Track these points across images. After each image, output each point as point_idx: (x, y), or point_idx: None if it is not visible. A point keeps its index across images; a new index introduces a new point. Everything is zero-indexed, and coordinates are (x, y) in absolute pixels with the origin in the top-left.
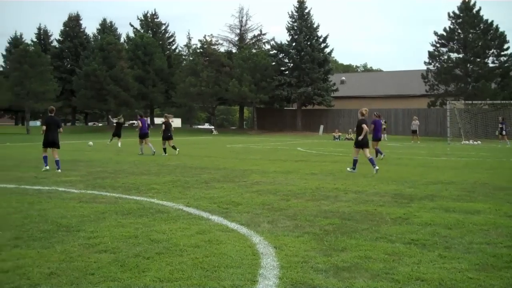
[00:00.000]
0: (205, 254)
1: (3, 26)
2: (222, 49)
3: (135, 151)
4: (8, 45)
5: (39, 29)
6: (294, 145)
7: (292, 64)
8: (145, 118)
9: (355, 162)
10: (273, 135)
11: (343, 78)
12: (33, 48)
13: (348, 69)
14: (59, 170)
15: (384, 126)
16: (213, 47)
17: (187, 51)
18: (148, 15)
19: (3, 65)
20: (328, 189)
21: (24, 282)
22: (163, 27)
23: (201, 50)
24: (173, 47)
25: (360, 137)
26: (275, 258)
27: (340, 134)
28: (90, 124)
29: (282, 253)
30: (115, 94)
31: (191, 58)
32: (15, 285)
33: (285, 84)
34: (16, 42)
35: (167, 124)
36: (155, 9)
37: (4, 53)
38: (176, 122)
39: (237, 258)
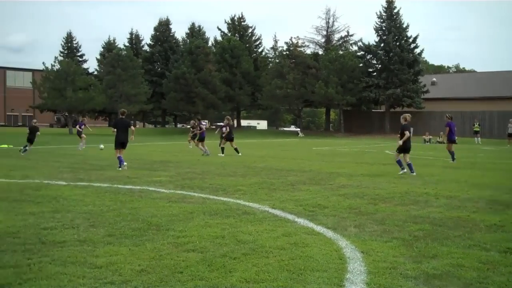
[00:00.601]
0: (291, 256)
1: (98, 32)
2: (308, 51)
3: (225, 153)
4: (102, 49)
5: (131, 34)
6: (382, 148)
7: (380, 66)
8: (204, 122)
9: (400, 163)
10: (360, 137)
11: (434, 79)
12: (125, 52)
13: (439, 70)
14: (124, 166)
15: (476, 129)
16: (299, 49)
17: (273, 54)
18: (235, 18)
19: (98, 68)
20: (418, 194)
21: (116, 278)
22: (250, 30)
23: (287, 52)
24: (260, 50)
25: (400, 142)
26: (362, 263)
27: (430, 137)
28: (179, 126)
29: (370, 258)
30: (203, 96)
31: (277, 61)
32: (108, 280)
33: (372, 86)
34: (109, 47)
35: (230, 126)
36: (242, 13)
37: (99, 57)
38: (262, 125)
39: (323, 262)
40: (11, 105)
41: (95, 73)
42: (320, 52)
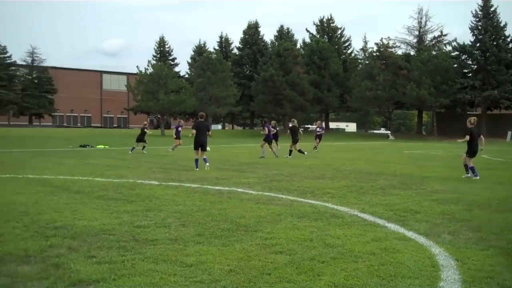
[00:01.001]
0: (381, 262)
1: (189, 36)
2: (399, 52)
3: (312, 155)
4: (193, 53)
5: (221, 37)
6: (478, 153)
7: (476, 66)
8: (270, 124)
9: (473, 169)
10: (454, 141)
11: None
12: (215, 55)
13: None
14: (207, 164)
15: None
16: (390, 50)
17: (363, 55)
18: (324, 20)
19: (188, 72)
20: None
21: (206, 277)
22: (339, 32)
23: (378, 53)
24: (349, 51)
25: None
26: (456, 271)
27: None
28: None
29: (465, 267)
30: (291, 98)
31: (367, 62)
32: (197, 279)
33: (468, 87)
34: (200, 50)
35: (296, 129)
36: (331, 14)
37: (189, 60)
38: (351, 127)
39: (415, 269)
40: (107, 108)
41: (186, 76)
42: (412, 53)
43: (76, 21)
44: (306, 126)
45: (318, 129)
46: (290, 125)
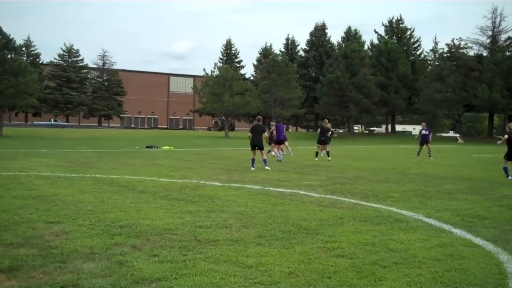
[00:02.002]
0: (446, 268)
1: (256, 38)
2: (471, 53)
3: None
4: (258, 55)
5: (287, 39)
6: None
7: None
8: (283, 125)
9: (505, 169)
10: None
11: None
12: (281, 57)
13: None
14: (267, 167)
15: None
16: (461, 51)
17: (432, 56)
18: (393, 20)
19: (254, 74)
20: None
21: (265, 279)
22: (408, 32)
23: (448, 54)
24: (418, 52)
25: (499, 142)
26: None
27: None
28: None
29: None
30: (357, 101)
31: (437, 63)
32: (257, 280)
33: None
34: (266, 53)
35: (324, 129)
36: (400, 15)
37: (255, 63)
38: (418, 130)
39: (482, 276)
40: (173, 109)
41: (251, 78)
42: (484, 54)
43: (146, 25)
44: (371, 128)
45: (423, 131)
46: (324, 125)
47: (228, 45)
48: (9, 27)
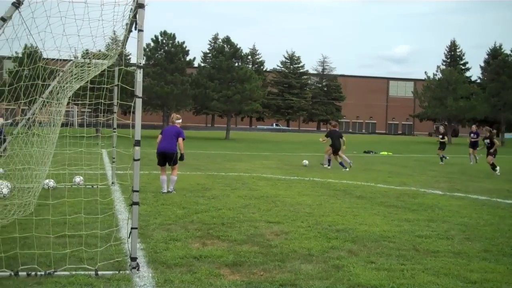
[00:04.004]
0: None
1: (482, 38)
2: None
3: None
4: (486, 56)
5: None
6: None
7: None
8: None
9: None
10: None
11: None
12: None
13: None
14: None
15: None
16: None
17: None
18: None
19: (481, 76)
20: None
21: None
22: None
23: None
24: None
25: None
26: None
27: None
28: None
29: None
30: None
31: None
32: None
33: None
34: (494, 53)
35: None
36: None
37: (483, 64)
38: None
39: None
40: (392, 114)
41: (478, 81)
42: None
43: (365, 30)
44: None
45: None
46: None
47: (453, 47)
48: (237, 37)
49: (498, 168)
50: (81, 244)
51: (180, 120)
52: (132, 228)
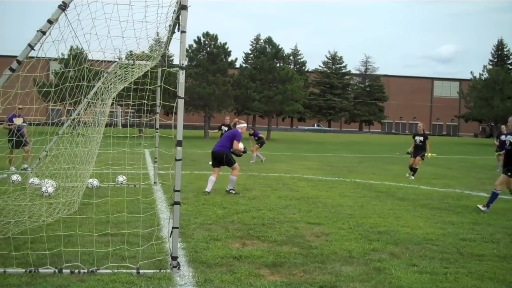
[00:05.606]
0: None
1: None
2: None
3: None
4: None
5: None
6: None
7: None
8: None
9: None
10: None
11: None
12: None
13: None
14: None
15: None
16: None
17: None
18: None
19: None
20: None
21: None
22: None
23: None
24: None
25: None
26: None
27: None
28: None
29: None
30: None
31: None
32: None
33: None
34: None
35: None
36: None
37: None
38: None
39: None
40: (437, 115)
41: None
42: None
43: (409, 29)
44: None
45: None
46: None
47: (500, 46)
48: (279, 38)
49: None
50: (123, 242)
51: (242, 125)
52: (173, 228)
